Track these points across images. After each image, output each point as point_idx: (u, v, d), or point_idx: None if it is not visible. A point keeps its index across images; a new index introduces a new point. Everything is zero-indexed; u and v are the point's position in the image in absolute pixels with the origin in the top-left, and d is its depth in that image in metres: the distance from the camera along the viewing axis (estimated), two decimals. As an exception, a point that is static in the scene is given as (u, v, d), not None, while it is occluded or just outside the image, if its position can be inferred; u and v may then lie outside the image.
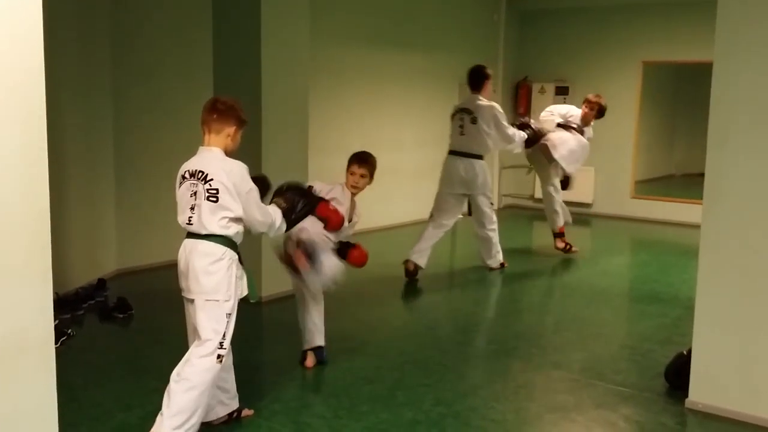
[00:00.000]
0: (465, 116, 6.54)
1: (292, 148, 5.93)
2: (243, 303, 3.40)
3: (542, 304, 6.09)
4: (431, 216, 6.71)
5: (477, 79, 6.61)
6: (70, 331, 4.83)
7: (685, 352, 4.05)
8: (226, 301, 3.27)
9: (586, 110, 7.51)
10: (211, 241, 3.26)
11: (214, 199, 3.23)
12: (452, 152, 6.69)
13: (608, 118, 10.17)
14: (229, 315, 3.29)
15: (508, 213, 10.41)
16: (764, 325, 3.64)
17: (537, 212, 10.45)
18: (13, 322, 2.40)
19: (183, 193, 3.32)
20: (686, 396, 3.91)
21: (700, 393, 3.85)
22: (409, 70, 9.30)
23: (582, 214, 10.34)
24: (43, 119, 2.45)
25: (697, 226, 3.96)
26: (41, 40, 2.42)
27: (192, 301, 3.31)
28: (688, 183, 11.36)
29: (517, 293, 6.41)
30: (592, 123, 7.64)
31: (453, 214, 6.65)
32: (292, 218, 3.82)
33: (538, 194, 10.61)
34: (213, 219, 3.25)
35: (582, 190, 10.40)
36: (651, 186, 11.06)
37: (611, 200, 10.36)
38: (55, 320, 2.61)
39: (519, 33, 10.98)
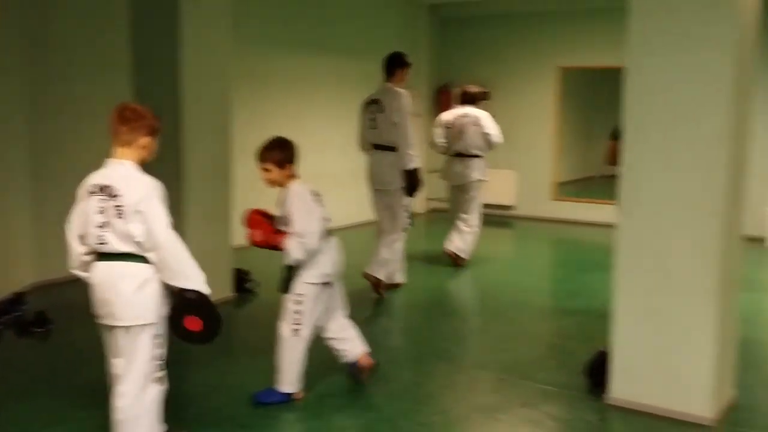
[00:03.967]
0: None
1: (215, 153, 5.87)
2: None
3: (467, 306, 6.17)
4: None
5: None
6: (-17, 347, 4.62)
7: (604, 350, 4.16)
8: (155, 323, 3.10)
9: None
10: (133, 261, 3.03)
11: (124, 217, 2.99)
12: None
13: (528, 121, 10.50)
14: (160, 336, 3.15)
15: (434, 216, 10.49)
16: (680, 320, 3.77)
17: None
18: None
19: (89, 209, 3.04)
20: (608, 392, 4.01)
21: (621, 389, 3.96)
22: (334, 75, 9.32)
23: (504, 217, 10.55)
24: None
25: (615, 226, 4.07)
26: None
27: (115, 327, 3.09)
28: (607, 184, 11.68)
29: (441, 296, 6.47)
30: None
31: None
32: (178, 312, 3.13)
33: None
34: (129, 238, 3.00)
35: (503, 193, 10.62)
36: (571, 188, 11.35)
37: (532, 202, 10.59)
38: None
39: (440, 39, 11.12)
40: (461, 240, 7.43)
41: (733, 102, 3.60)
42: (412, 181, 6.03)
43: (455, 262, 7.40)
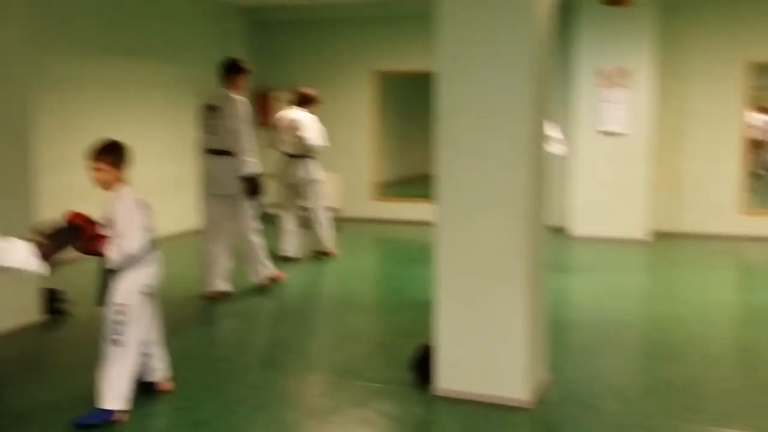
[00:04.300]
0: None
1: (12, 166, 5.44)
2: None
3: (297, 311, 6.15)
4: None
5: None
6: None
7: (428, 344, 4.31)
8: None
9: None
10: None
11: None
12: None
13: (347, 125, 10.65)
14: None
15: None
16: (495, 309, 3.98)
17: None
18: None
19: None
20: (434, 384, 4.16)
21: (446, 380, 4.12)
22: (147, 80, 8.95)
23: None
24: None
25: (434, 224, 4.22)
26: None
27: None
28: (426, 183, 12.12)
29: (269, 300, 6.41)
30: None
31: None
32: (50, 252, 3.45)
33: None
34: None
35: (328, 195, 10.70)
36: (392, 188, 11.66)
37: (355, 203, 10.77)
38: None
39: (256, 43, 11.01)
40: (320, 235, 7.99)
41: (533, 107, 3.86)
42: (251, 187, 6.19)
43: (325, 255, 8.01)
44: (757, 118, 12.51)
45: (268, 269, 6.65)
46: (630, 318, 5.91)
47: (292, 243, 7.90)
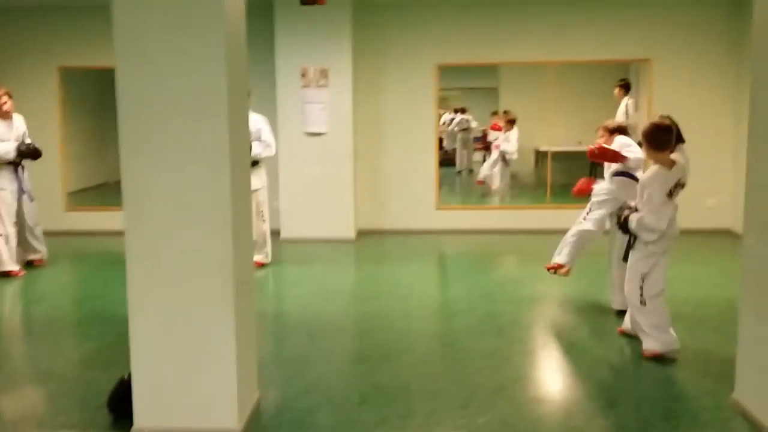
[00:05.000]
0: None
1: None
2: None
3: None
4: None
5: None
6: None
7: (125, 376, 3.83)
8: None
9: None
10: None
11: None
12: None
13: (31, 129, 9.46)
14: None
15: None
16: (199, 333, 3.61)
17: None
18: None
19: None
20: (135, 422, 3.69)
21: (146, 416, 3.66)
22: None
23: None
24: None
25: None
26: None
27: None
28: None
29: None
30: None
31: None
32: None
33: None
34: None
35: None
36: (86, 196, 10.69)
37: (45, 215, 9.61)
38: None
39: None
40: None
41: (231, 97, 3.53)
42: None
43: (7, 275, 7.26)
44: (451, 117, 13.57)
45: None
46: (339, 320, 5.88)
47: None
